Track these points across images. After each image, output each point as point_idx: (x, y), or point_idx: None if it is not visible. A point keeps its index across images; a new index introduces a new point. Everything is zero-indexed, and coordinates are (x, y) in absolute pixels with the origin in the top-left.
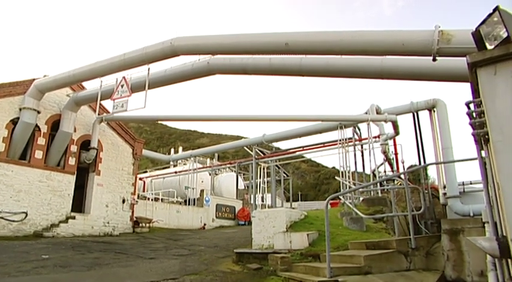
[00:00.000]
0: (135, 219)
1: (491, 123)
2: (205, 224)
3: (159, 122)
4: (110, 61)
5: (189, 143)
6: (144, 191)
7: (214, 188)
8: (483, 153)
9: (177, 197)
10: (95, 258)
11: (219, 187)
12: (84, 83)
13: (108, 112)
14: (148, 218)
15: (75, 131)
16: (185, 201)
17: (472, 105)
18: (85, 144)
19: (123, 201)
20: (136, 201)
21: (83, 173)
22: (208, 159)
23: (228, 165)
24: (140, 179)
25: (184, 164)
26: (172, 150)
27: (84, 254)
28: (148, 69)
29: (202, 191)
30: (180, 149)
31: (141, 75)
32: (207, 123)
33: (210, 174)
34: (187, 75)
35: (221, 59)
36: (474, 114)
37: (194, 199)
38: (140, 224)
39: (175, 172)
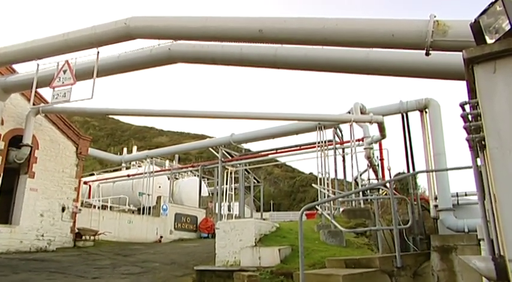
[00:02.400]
0: (76, 230)
1: (488, 127)
2: (161, 237)
3: (110, 116)
4: (49, 41)
5: (145, 142)
6: (89, 198)
7: (173, 194)
8: (478, 161)
9: (129, 205)
10: (21, 281)
11: (179, 194)
12: (15, 66)
13: (47, 102)
14: (94, 229)
15: (2, 123)
16: (139, 209)
17: (467, 107)
18: (15, 141)
19: (63, 209)
20: (80, 210)
21: (12, 175)
22: (167, 161)
23: (190, 169)
24: (85, 183)
25: (138, 166)
26: (125, 149)
27: (8, 275)
28: (98, 53)
29: (159, 197)
30: (135, 148)
31: (88, 60)
32: (166, 119)
33: (169, 179)
34: (144, 63)
35: (185, 45)
36: (469, 116)
37: (150, 207)
38: (83, 237)
39: (128, 175)
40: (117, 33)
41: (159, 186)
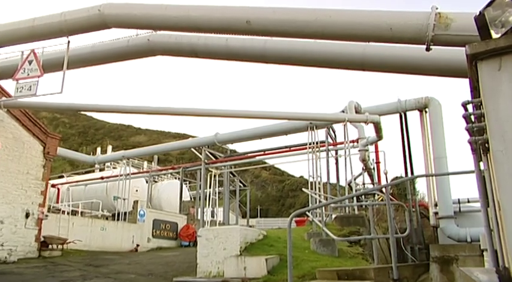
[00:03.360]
0: (42, 239)
1: (492, 129)
2: (138, 245)
3: (82, 112)
4: (13, 27)
5: (121, 141)
6: (58, 202)
7: (152, 199)
8: (482, 165)
9: (102, 210)
10: None
11: (158, 198)
12: None
13: (9, 96)
14: (62, 237)
15: None
16: (113, 215)
17: (470, 107)
18: None
19: (27, 215)
20: (46, 216)
21: None
22: (145, 163)
23: (171, 171)
24: (53, 186)
25: (113, 168)
26: (98, 149)
27: None
28: (68, 42)
29: (136, 202)
30: (109, 148)
31: (58, 50)
32: (145, 116)
33: (147, 182)
34: (121, 55)
35: (165, 36)
36: (472, 117)
37: (125, 213)
38: (50, 246)
39: (102, 178)
40: (90, 21)
41: (136, 190)
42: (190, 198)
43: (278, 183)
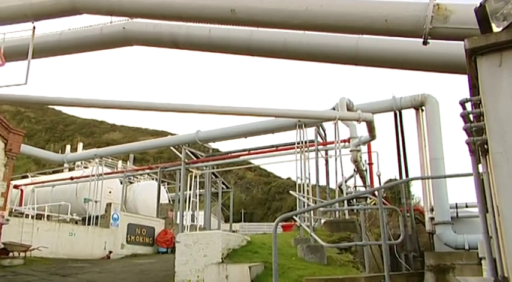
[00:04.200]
0: (2, 246)
1: (491, 129)
2: (111, 252)
3: (50, 106)
4: None
5: (93, 139)
6: (21, 205)
7: (126, 201)
8: (480, 167)
9: (71, 214)
10: None
11: (134, 200)
12: None
13: None
14: (25, 244)
15: None
16: (84, 219)
17: (468, 105)
18: None
19: None
20: (7, 220)
21: None
22: (120, 162)
23: (148, 171)
24: (16, 186)
25: (85, 168)
26: (68, 147)
27: None
28: (34, 28)
29: (109, 205)
30: (80, 145)
31: (22, 37)
32: (120, 112)
33: (121, 183)
34: (93, 44)
35: (142, 24)
36: (471, 116)
37: (97, 217)
38: (10, 254)
39: (72, 178)
40: (58, 5)
41: (110, 192)
42: (169, 201)
43: (264, 185)
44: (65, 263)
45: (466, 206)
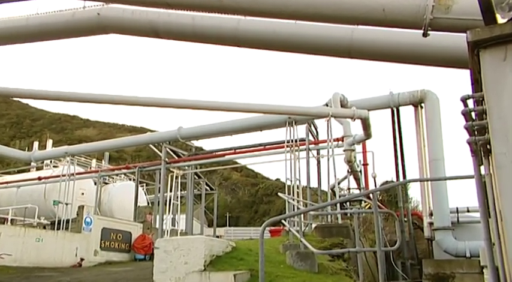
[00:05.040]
0: None
1: (494, 128)
2: (82, 259)
3: (15, 98)
4: None
5: (64, 135)
6: None
7: (101, 204)
8: (482, 169)
9: (39, 218)
10: None
11: (109, 203)
12: None
13: None
14: None
15: None
16: (53, 223)
17: (470, 102)
18: None
19: None
20: None
21: None
22: (94, 161)
23: (124, 171)
24: None
25: (54, 167)
26: (36, 144)
27: None
28: None
29: (81, 208)
30: (50, 142)
31: None
32: (94, 106)
33: (95, 184)
34: (64, 31)
35: (119, 10)
36: (473, 114)
37: (68, 220)
38: None
39: (40, 178)
40: None
41: (82, 193)
42: (148, 203)
43: (251, 187)
44: (30, 272)
45: (468, 211)
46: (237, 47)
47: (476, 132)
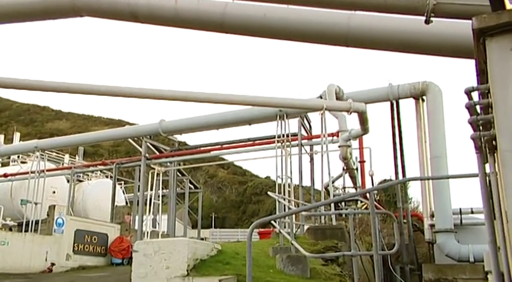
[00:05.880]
0: None
1: (500, 123)
2: (53, 264)
3: None
4: None
5: (34, 128)
6: None
7: (74, 203)
8: (487, 167)
9: (4, 219)
10: None
11: (84, 202)
12: None
13: None
14: None
15: None
16: (20, 224)
17: (475, 95)
18: None
19: None
20: None
21: None
22: (66, 156)
23: (101, 167)
24: None
25: (22, 162)
26: (1, 137)
27: None
28: None
29: (52, 207)
30: (17, 136)
31: None
32: (68, 96)
33: (68, 181)
34: (33, 12)
35: None
36: (477, 107)
37: (37, 222)
38: None
39: (5, 175)
40: None
41: (54, 192)
42: (126, 203)
43: (238, 185)
44: None
45: (472, 212)
46: (224, 34)
47: (481, 127)
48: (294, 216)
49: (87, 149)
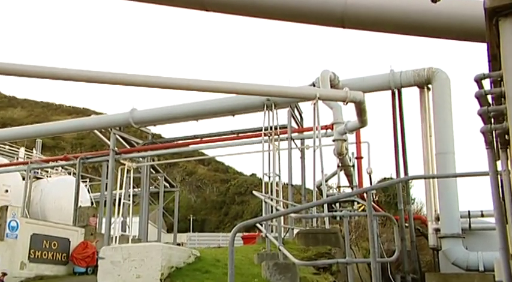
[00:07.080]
0: None
1: None
2: (5, 274)
3: None
4: None
5: None
6: None
7: (31, 203)
8: (499, 164)
9: None
10: None
11: (42, 202)
12: None
13: None
14: None
15: None
16: None
17: (486, 83)
18: None
19: None
20: None
21: None
22: (22, 149)
23: (63, 163)
24: None
25: None
26: None
27: None
28: None
29: (4, 208)
30: None
31: None
32: (24, 80)
33: (24, 178)
34: None
35: None
36: (489, 97)
37: None
38: None
39: None
40: None
41: (6, 190)
42: (92, 203)
43: (220, 184)
44: None
45: (482, 215)
46: (205, 11)
47: (492, 120)
48: (282, 218)
49: (46, 141)
